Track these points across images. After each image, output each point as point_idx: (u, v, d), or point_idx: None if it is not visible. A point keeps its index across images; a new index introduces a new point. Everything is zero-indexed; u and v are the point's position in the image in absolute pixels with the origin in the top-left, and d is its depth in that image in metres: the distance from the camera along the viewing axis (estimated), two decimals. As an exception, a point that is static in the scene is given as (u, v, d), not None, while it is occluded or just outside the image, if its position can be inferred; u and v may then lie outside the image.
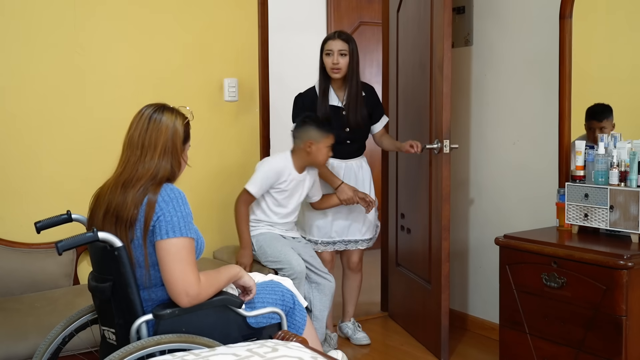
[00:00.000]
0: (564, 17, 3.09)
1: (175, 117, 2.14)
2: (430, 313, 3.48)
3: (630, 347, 2.44)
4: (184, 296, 1.99)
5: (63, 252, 1.93)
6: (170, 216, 2.01)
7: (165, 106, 2.17)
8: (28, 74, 3.13)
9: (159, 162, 2.08)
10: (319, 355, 1.70)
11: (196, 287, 2.01)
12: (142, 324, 2.02)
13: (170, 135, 2.11)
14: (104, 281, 2.07)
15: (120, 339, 2.09)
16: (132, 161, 2.09)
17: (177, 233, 2.00)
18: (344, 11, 5.85)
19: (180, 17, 3.50)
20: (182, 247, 2.00)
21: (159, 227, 2.01)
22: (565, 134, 3.09)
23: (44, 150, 3.17)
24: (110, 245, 2.01)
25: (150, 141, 2.09)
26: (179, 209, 2.03)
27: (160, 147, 2.09)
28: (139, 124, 2.12)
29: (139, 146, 2.09)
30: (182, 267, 1.99)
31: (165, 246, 2.00)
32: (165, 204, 2.02)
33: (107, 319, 2.13)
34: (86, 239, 1.96)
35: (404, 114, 3.87)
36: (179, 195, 2.06)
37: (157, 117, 2.11)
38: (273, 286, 2.38)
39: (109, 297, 2.06)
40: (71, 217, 2.29)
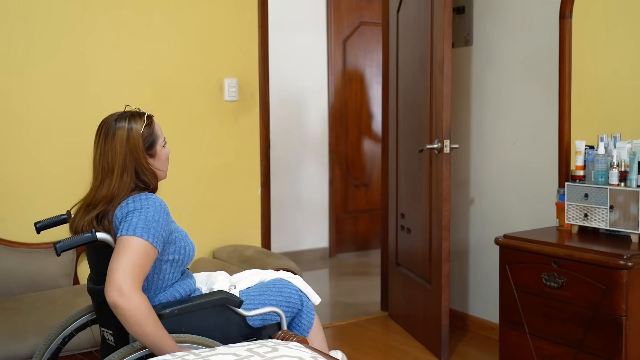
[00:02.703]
0: (564, 17, 3.09)
1: (129, 126, 2.04)
2: (430, 313, 3.48)
3: (630, 347, 2.44)
4: (115, 291, 1.85)
5: (62, 253, 1.93)
6: (131, 217, 1.95)
7: (120, 116, 2.07)
8: (28, 74, 3.13)
9: (116, 184, 2.01)
10: (319, 355, 1.70)
11: (132, 289, 1.87)
12: None
13: (126, 150, 2.03)
14: (101, 283, 2.06)
15: (118, 340, 2.09)
16: (95, 185, 2.07)
17: (131, 232, 1.91)
18: (344, 11, 5.85)
19: (180, 17, 3.50)
20: (134, 246, 1.90)
21: (121, 227, 1.95)
22: (565, 134, 3.09)
23: (44, 150, 3.17)
24: (107, 247, 2.01)
25: (106, 164, 2.03)
26: (144, 212, 1.96)
27: (117, 169, 2.02)
28: (98, 144, 2.06)
29: (100, 170, 2.05)
30: (126, 263, 1.88)
31: (119, 242, 1.92)
32: (133, 207, 1.98)
33: (106, 320, 2.13)
34: (84, 240, 1.96)
35: (404, 114, 3.87)
36: (151, 201, 2.00)
37: (111, 135, 2.03)
38: (280, 286, 2.34)
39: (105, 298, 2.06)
40: (71, 217, 2.29)
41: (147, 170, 2.07)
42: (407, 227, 3.84)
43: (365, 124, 6.04)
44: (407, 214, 3.84)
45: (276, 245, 5.02)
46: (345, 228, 5.98)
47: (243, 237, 3.78)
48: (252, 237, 3.82)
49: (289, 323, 2.38)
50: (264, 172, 3.84)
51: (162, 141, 2.15)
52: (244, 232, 3.79)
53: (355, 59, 5.94)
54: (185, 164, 3.50)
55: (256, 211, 3.83)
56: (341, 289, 4.91)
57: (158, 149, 2.13)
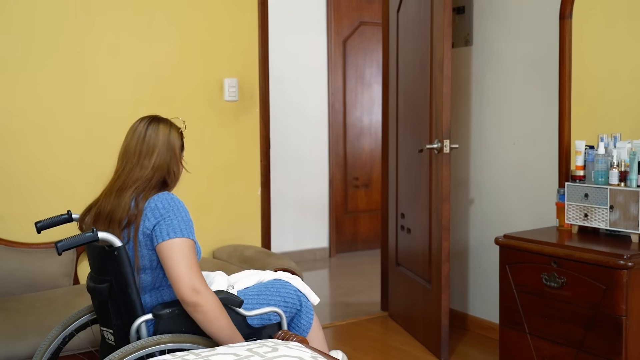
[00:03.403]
0: (564, 17, 3.09)
1: (170, 127, 2.17)
2: (430, 313, 3.48)
3: (630, 347, 2.44)
4: (190, 291, 1.96)
5: (63, 252, 1.93)
6: (171, 220, 2.02)
7: (160, 118, 2.19)
8: (29, 74, 3.13)
9: (154, 165, 2.10)
10: (319, 355, 1.70)
11: (205, 286, 1.99)
12: (141, 324, 2.02)
13: (167, 140, 2.14)
14: (102, 282, 2.07)
15: (119, 339, 2.09)
16: (127, 168, 2.11)
17: (179, 234, 2.00)
18: (344, 11, 5.85)
19: (180, 17, 3.50)
20: (185, 246, 2.00)
21: (160, 230, 2.01)
22: (565, 134, 3.09)
23: (45, 150, 3.17)
24: (109, 246, 2.01)
25: (148, 147, 2.11)
26: (179, 214, 2.04)
27: (157, 152, 2.11)
28: (134, 135, 2.14)
29: (136, 154, 2.11)
30: (187, 263, 1.98)
31: (168, 246, 1.99)
32: (165, 210, 2.03)
33: (106, 319, 2.13)
34: (86, 239, 1.96)
35: (404, 114, 3.87)
36: (179, 203, 2.07)
37: (152, 127, 2.14)
38: (279, 287, 2.35)
39: (107, 297, 2.06)
40: (72, 217, 2.29)
41: (177, 162, 2.16)
42: (407, 227, 3.84)
43: (365, 124, 6.04)
44: (407, 214, 3.84)
45: (276, 245, 5.02)
46: (345, 228, 5.98)
47: (243, 237, 3.78)
48: (252, 237, 3.82)
49: (288, 323, 2.38)
50: (264, 172, 3.84)
51: (183, 154, 2.23)
52: (244, 232, 3.79)
53: (355, 59, 5.94)
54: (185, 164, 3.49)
55: (256, 211, 3.84)
56: (341, 289, 4.91)
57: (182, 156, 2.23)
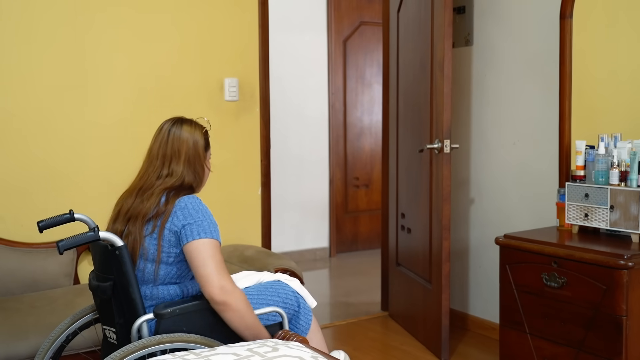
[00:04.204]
0: (564, 17, 3.09)
1: (194, 129, 2.21)
2: (430, 313, 3.48)
3: (631, 347, 2.44)
4: (220, 292, 2.00)
5: (64, 252, 1.93)
6: (201, 221, 2.06)
7: (184, 119, 2.24)
8: (29, 74, 3.13)
9: (183, 169, 2.15)
10: (320, 355, 1.70)
11: (232, 284, 2.03)
12: (143, 323, 2.02)
13: (191, 144, 2.18)
14: (105, 280, 2.08)
15: (121, 338, 2.09)
16: (149, 171, 2.16)
17: (209, 235, 2.05)
18: (344, 11, 5.85)
19: (180, 17, 3.50)
20: (214, 247, 2.05)
21: (190, 230, 2.05)
22: (565, 134, 3.09)
23: (45, 150, 3.17)
24: (111, 245, 2.01)
25: (173, 150, 2.16)
26: (207, 216, 2.09)
27: (184, 156, 2.16)
28: (158, 138, 2.20)
29: (159, 157, 2.16)
30: (216, 264, 2.02)
31: (197, 245, 2.04)
32: (194, 211, 2.08)
33: (108, 318, 2.14)
34: (87, 239, 1.97)
35: (404, 114, 3.87)
36: (203, 205, 2.12)
37: (176, 130, 2.19)
38: (277, 288, 2.36)
39: (110, 296, 2.07)
40: (74, 216, 2.29)
41: (202, 164, 2.21)
42: (407, 227, 3.84)
43: (366, 123, 6.04)
44: (407, 214, 3.84)
45: (276, 245, 5.02)
46: (345, 228, 5.98)
47: (243, 237, 3.78)
48: (252, 237, 3.83)
49: None
50: (264, 172, 3.84)
51: (210, 154, 2.28)
52: (244, 232, 3.79)
53: (355, 58, 5.94)
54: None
55: (256, 211, 3.84)
56: (341, 289, 4.91)
57: (208, 154, 2.27)
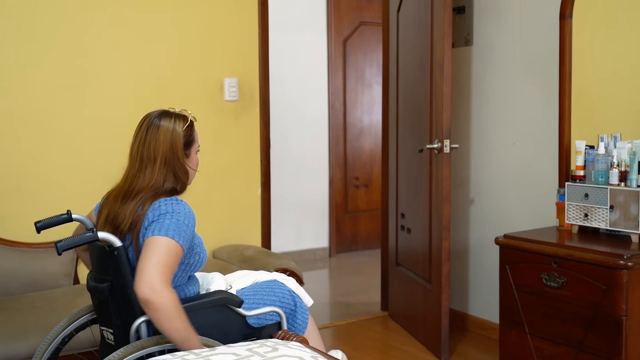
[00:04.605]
0: (564, 17, 3.09)
1: (174, 123, 2.11)
2: (430, 313, 3.48)
3: (630, 347, 2.44)
4: (146, 286, 1.88)
5: (63, 252, 1.93)
6: (164, 219, 1.99)
7: (165, 113, 2.14)
8: (28, 74, 3.13)
9: (159, 174, 2.07)
10: (319, 355, 1.70)
11: (163, 285, 1.90)
12: (141, 324, 2.02)
13: (168, 145, 2.09)
14: (103, 281, 2.07)
15: (118, 339, 2.08)
16: (131, 173, 2.10)
17: (163, 232, 1.97)
18: (344, 11, 5.85)
19: (180, 17, 3.50)
20: (164, 245, 1.95)
21: (152, 228, 1.99)
22: (565, 134, 3.09)
23: (45, 150, 3.17)
24: (109, 246, 2.01)
25: (148, 153, 2.08)
26: (176, 216, 2.01)
27: (160, 159, 2.08)
28: (138, 135, 2.12)
29: (138, 158, 2.09)
30: (157, 261, 1.92)
31: (149, 241, 1.97)
32: (165, 210, 2.01)
33: (106, 319, 2.13)
34: (86, 239, 1.96)
35: (404, 114, 3.87)
36: (183, 207, 2.05)
37: (154, 127, 2.10)
38: (274, 287, 2.36)
39: (107, 297, 2.06)
40: (71, 216, 2.27)
41: (182, 167, 2.12)
42: (407, 227, 3.84)
43: (366, 124, 6.04)
44: (407, 214, 3.84)
45: (276, 245, 5.02)
46: (345, 228, 5.98)
47: (243, 237, 3.78)
48: (252, 237, 3.82)
49: None
50: (264, 172, 3.84)
51: (197, 146, 2.20)
52: (244, 232, 3.79)
53: (355, 58, 5.94)
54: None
55: (256, 211, 3.83)
56: (341, 289, 4.91)
57: (192, 152, 2.18)
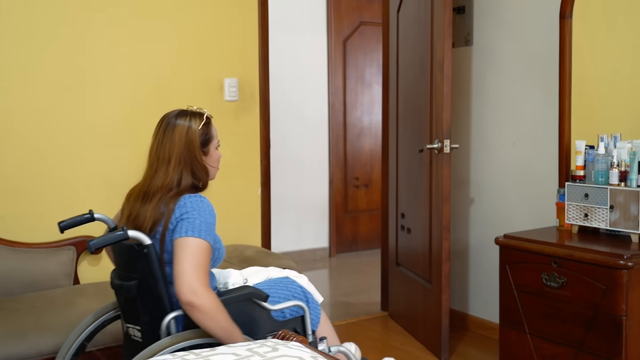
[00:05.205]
0: (564, 17, 3.09)
1: (189, 122, 2.15)
2: (430, 313, 3.48)
3: (630, 347, 2.44)
4: (188, 291, 1.94)
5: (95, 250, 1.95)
6: (193, 218, 2.03)
7: (181, 112, 2.18)
8: (28, 74, 3.13)
9: (173, 174, 2.10)
10: (319, 355, 1.70)
11: (204, 287, 1.96)
12: (171, 320, 2.04)
13: (184, 144, 2.12)
14: (130, 279, 2.09)
15: (146, 335, 2.10)
16: (149, 174, 2.15)
17: (196, 234, 2.01)
18: (344, 11, 5.85)
19: (180, 17, 3.50)
20: (197, 247, 2.00)
21: (180, 226, 2.02)
22: (565, 134, 3.09)
23: (45, 150, 3.17)
24: (138, 244, 2.03)
25: (164, 154, 2.12)
26: (202, 213, 2.05)
27: (174, 160, 2.11)
28: (157, 136, 2.16)
29: (156, 159, 2.14)
30: (194, 263, 1.97)
31: (182, 243, 2.00)
32: (191, 207, 2.05)
33: (132, 316, 2.15)
34: (117, 237, 1.98)
35: (404, 114, 3.87)
36: (206, 204, 2.09)
37: (171, 127, 2.14)
38: (287, 283, 2.39)
39: (135, 294, 2.08)
40: (94, 216, 2.29)
41: (200, 165, 2.15)
42: (407, 227, 3.84)
43: (366, 124, 6.04)
44: (407, 214, 3.84)
45: (276, 245, 5.02)
46: (345, 228, 5.98)
47: (243, 237, 3.78)
48: (252, 237, 3.82)
49: None
50: (264, 171, 3.84)
51: (216, 142, 2.23)
52: (244, 232, 3.79)
53: (355, 58, 5.94)
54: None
55: (256, 211, 3.84)
56: (341, 289, 4.92)
57: (211, 148, 2.21)
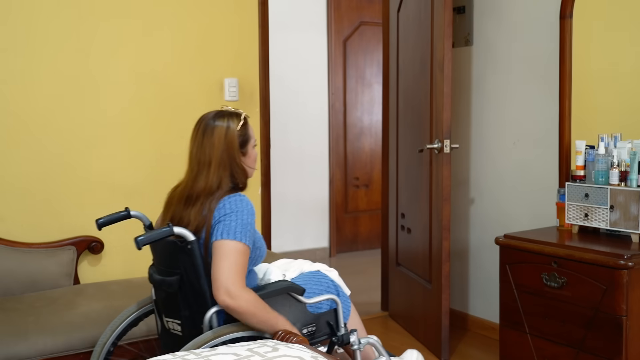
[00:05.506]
0: (564, 17, 3.09)
1: (227, 125, 2.17)
2: (430, 313, 3.48)
3: (631, 347, 2.44)
4: (224, 294, 2.00)
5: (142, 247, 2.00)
6: (230, 221, 2.07)
7: (219, 114, 2.21)
8: (28, 76, 3.12)
9: (213, 176, 2.14)
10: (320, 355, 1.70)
11: (239, 288, 2.02)
12: (213, 315, 2.08)
13: (223, 146, 2.16)
14: (171, 274, 2.13)
15: (187, 329, 2.15)
16: (191, 177, 2.19)
17: (232, 236, 2.05)
18: (344, 11, 5.85)
19: (180, 17, 3.50)
20: (234, 249, 2.05)
21: (217, 228, 2.07)
22: (565, 134, 3.09)
23: (45, 150, 3.17)
24: (181, 241, 2.07)
25: (204, 157, 2.16)
26: (240, 216, 2.08)
27: (214, 162, 2.14)
28: (195, 138, 2.19)
29: (197, 162, 2.17)
30: (229, 266, 2.02)
31: (218, 246, 2.05)
32: (230, 209, 2.09)
33: (172, 310, 2.19)
34: (163, 234, 2.03)
35: (404, 114, 3.87)
36: (246, 205, 2.12)
37: (210, 130, 2.17)
38: (319, 277, 2.44)
39: (176, 289, 2.12)
40: (130, 213, 2.35)
41: (239, 167, 2.18)
42: (407, 227, 3.84)
43: (366, 123, 6.04)
44: (407, 214, 3.84)
45: (276, 245, 5.02)
46: (345, 228, 5.98)
47: (243, 237, 3.77)
48: (252, 237, 3.82)
49: None
50: (264, 171, 3.84)
51: (253, 142, 2.26)
52: (244, 232, 3.79)
53: (355, 58, 5.94)
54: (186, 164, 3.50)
55: (256, 211, 3.83)
56: (341, 289, 4.91)
57: (249, 148, 2.24)
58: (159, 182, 3.43)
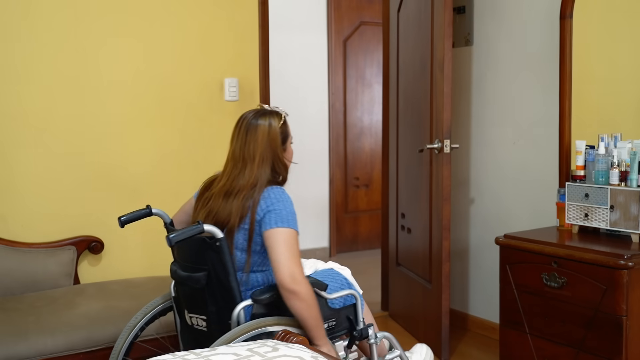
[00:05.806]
0: (564, 17, 3.09)
1: (269, 122, 2.26)
2: (430, 313, 3.48)
3: (631, 347, 2.44)
4: (289, 279, 2.05)
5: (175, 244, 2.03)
6: (280, 210, 2.14)
7: (259, 112, 2.30)
8: (28, 76, 3.12)
9: (257, 171, 2.21)
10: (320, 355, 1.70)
11: (302, 274, 2.09)
12: (241, 310, 2.12)
13: (266, 143, 2.24)
14: (198, 271, 2.16)
15: (213, 324, 2.17)
16: (234, 173, 2.24)
17: (286, 224, 2.12)
18: (344, 11, 5.85)
19: (180, 17, 3.50)
20: (290, 236, 2.12)
21: (269, 218, 2.13)
22: (565, 134, 3.10)
23: (45, 150, 3.17)
24: (210, 238, 2.11)
25: (249, 154, 2.23)
26: (287, 205, 2.17)
27: (258, 158, 2.22)
28: (238, 136, 2.27)
29: (241, 159, 2.24)
30: (290, 253, 2.09)
31: (274, 234, 2.11)
32: (276, 199, 2.16)
33: (198, 306, 2.21)
34: (194, 231, 2.07)
35: (405, 114, 3.87)
36: (287, 195, 2.21)
37: (253, 128, 2.25)
38: (334, 275, 2.47)
39: (204, 285, 2.15)
40: (151, 211, 2.38)
41: (281, 162, 2.28)
42: (407, 227, 3.84)
43: (366, 123, 6.04)
44: (407, 214, 3.84)
45: (276, 245, 5.01)
46: (345, 228, 5.98)
47: (243, 237, 3.77)
48: (253, 237, 3.82)
49: None
50: (264, 172, 3.83)
51: (291, 138, 2.36)
52: (244, 232, 3.79)
53: (355, 58, 5.94)
54: (186, 164, 3.50)
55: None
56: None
57: (288, 145, 2.34)
58: (159, 181, 3.43)
